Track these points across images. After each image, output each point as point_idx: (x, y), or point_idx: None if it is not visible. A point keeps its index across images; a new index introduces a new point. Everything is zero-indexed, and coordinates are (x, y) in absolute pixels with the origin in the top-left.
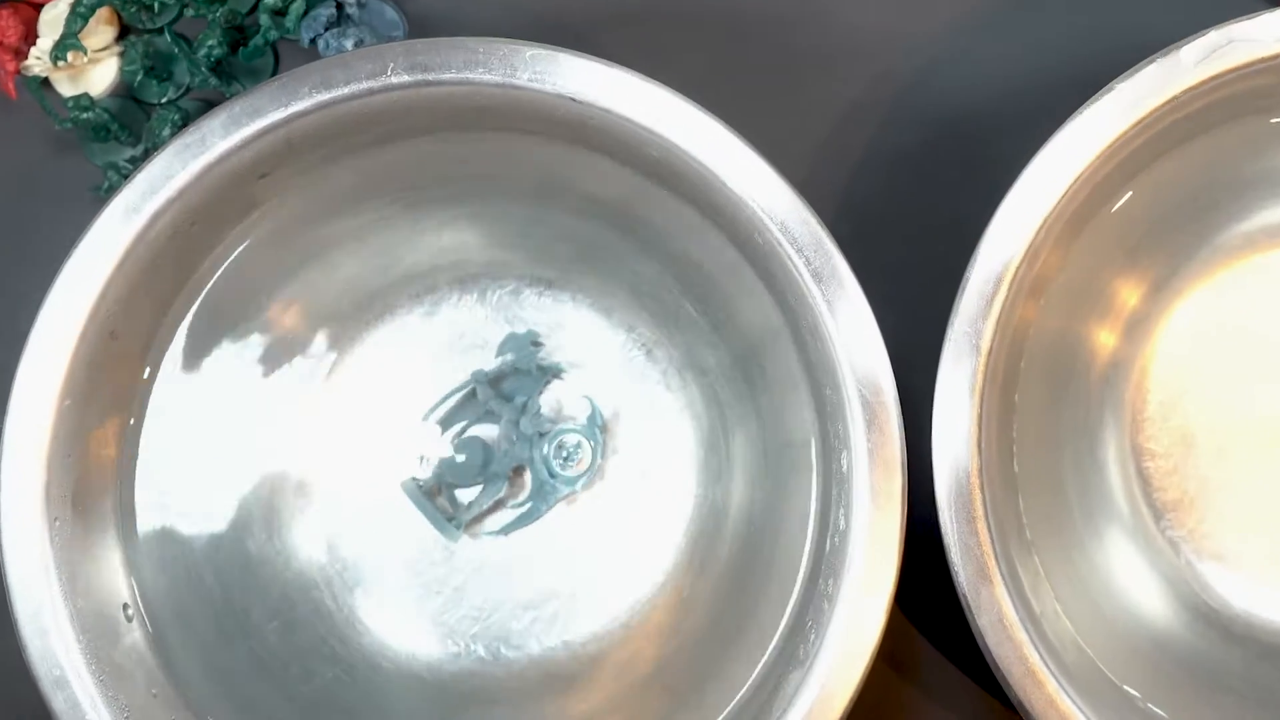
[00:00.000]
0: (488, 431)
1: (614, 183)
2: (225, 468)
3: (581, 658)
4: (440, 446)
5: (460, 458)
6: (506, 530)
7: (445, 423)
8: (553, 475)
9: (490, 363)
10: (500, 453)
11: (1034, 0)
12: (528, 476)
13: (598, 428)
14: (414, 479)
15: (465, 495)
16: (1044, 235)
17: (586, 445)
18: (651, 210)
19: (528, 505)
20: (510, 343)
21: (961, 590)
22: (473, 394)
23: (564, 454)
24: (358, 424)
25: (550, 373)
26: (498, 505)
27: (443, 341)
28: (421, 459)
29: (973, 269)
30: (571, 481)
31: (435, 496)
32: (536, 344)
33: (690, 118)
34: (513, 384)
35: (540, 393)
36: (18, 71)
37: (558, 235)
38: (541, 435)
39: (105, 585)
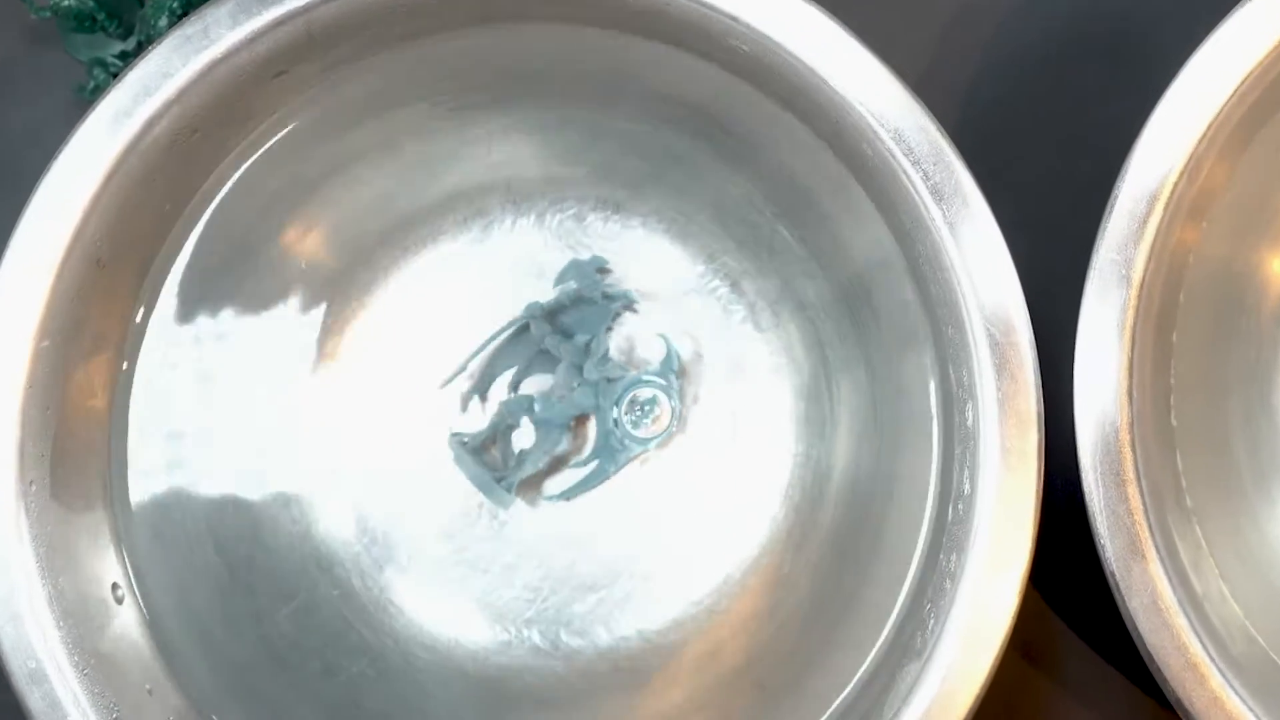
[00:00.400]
0: (541, 382)
1: (695, 83)
2: (233, 422)
3: (658, 648)
4: (491, 396)
5: (511, 408)
6: (569, 495)
7: (489, 369)
8: (621, 432)
9: (547, 295)
10: (555, 399)
11: None
12: (591, 428)
13: (674, 373)
14: (458, 434)
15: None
16: (1207, 145)
17: (664, 401)
18: (739, 116)
19: (593, 464)
20: (572, 269)
21: (1109, 567)
22: (524, 330)
23: (636, 411)
24: (392, 371)
25: (620, 302)
26: (557, 465)
27: (493, 275)
28: (467, 408)
29: (1121, 185)
30: (644, 441)
31: (487, 451)
32: (603, 271)
33: (786, 4)
34: (574, 318)
35: (608, 329)
36: None
37: (628, 147)
38: (610, 382)
39: (91, 561)
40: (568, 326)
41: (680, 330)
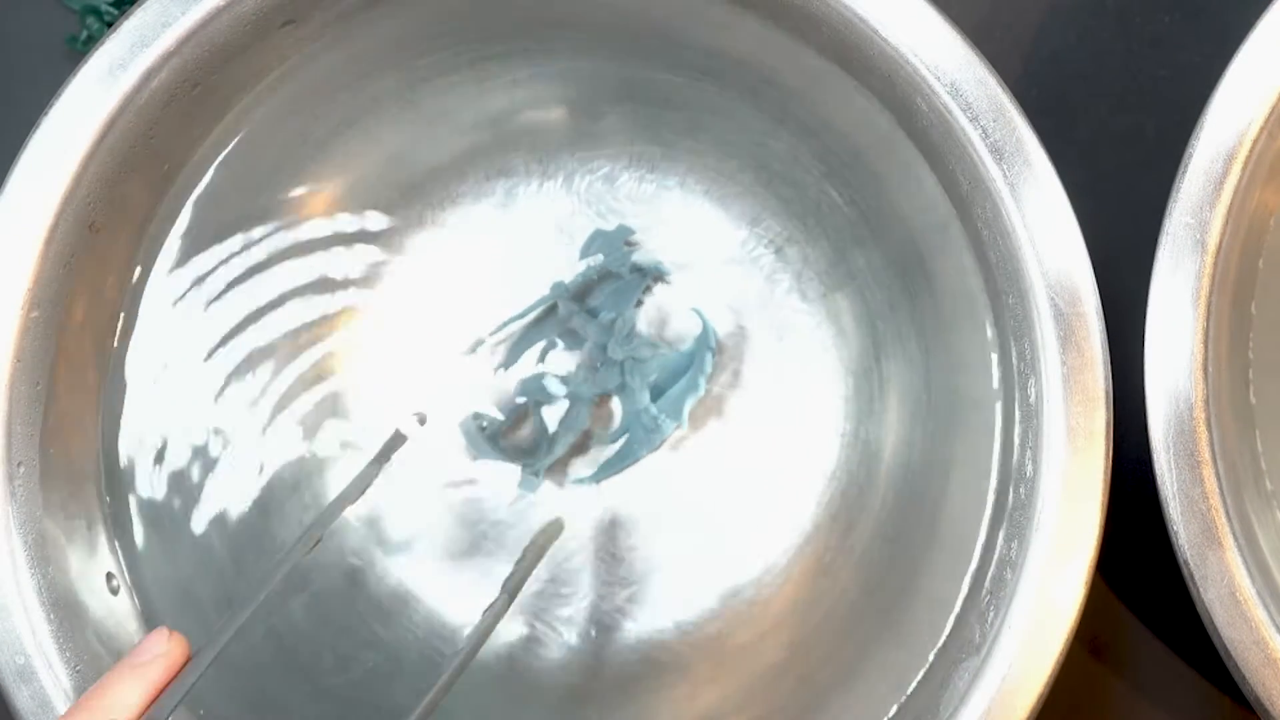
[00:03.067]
0: (566, 361)
1: (737, 32)
2: (236, 398)
3: (696, 642)
4: (513, 372)
5: (521, 400)
6: (598, 477)
7: (517, 345)
8: (652, 413)
9: (574, 271)
10: (579, 380)
11: None
12: (615, 407)
13: (710, 350)
14: (476, 415)
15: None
16: None
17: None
18: (785, 68)
19: (620, 441)
20: (597, 241)
21: (1182, 556)
22: (552, 310)
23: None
24: (408, 345)
25: (650, 274)
26: (583, 447)
27: (517, 239)
28: (485, 389)
29: (1196, 143)
30: (676, 413)
31: (512, 434)
32: (631, 244)
33: None
34: (602, 295)
35: (638, 303)
36: None
37: (664, 101)
38: (639, 362)
39: (84, 550)
40: (595, 306)
41: (721, 302)
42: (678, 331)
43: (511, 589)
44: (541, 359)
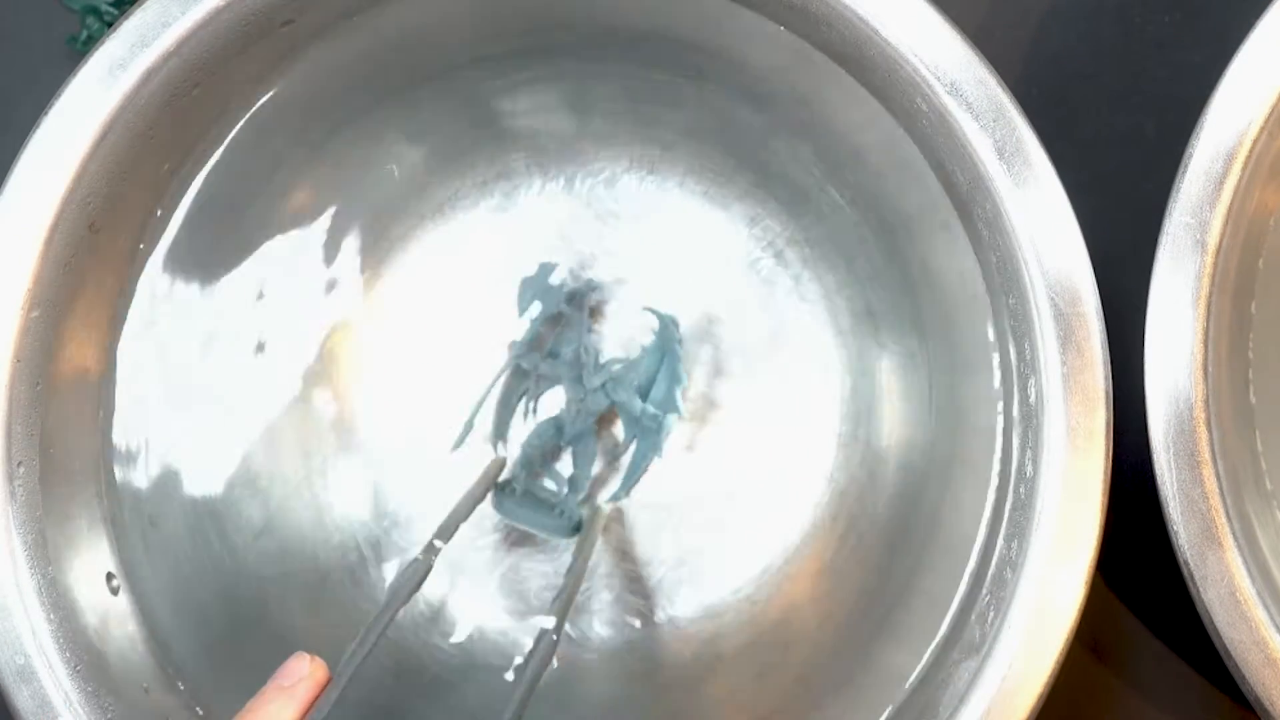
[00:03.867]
0: (552, 405)
1: (737, 33)
2: (237, 399)
3: (692, 640)
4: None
5: (537, 442)
6: (626, 487)
7: (501, 414)
8: (648, 412)
9: (522, 327)
10: (571, 417)
11: None
12: (617, 427)
13: (674, 338)
14: (500, 488)
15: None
16: None
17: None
18: (785, 69)
19: (632, 449)
20: (527, 291)
21: (1182, 556)
22: (518, 371)
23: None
24: (409, 345)
25: (590, 297)
26: (603, 471)
27: (518, 240)
28: (498, 451)
29: (1196, 143)
30: (672, 405)
31: (538, 479)
32: (566, 275)
33: None
34: (555, 335)
35: (590, 330)
36: None
37: (664, 102)
38: (616, 380)
39: (84, 549)
40: (554, 347)
41: (719, 301)
42: (647, 335)
43: (560, 611)
44: (528, 416)
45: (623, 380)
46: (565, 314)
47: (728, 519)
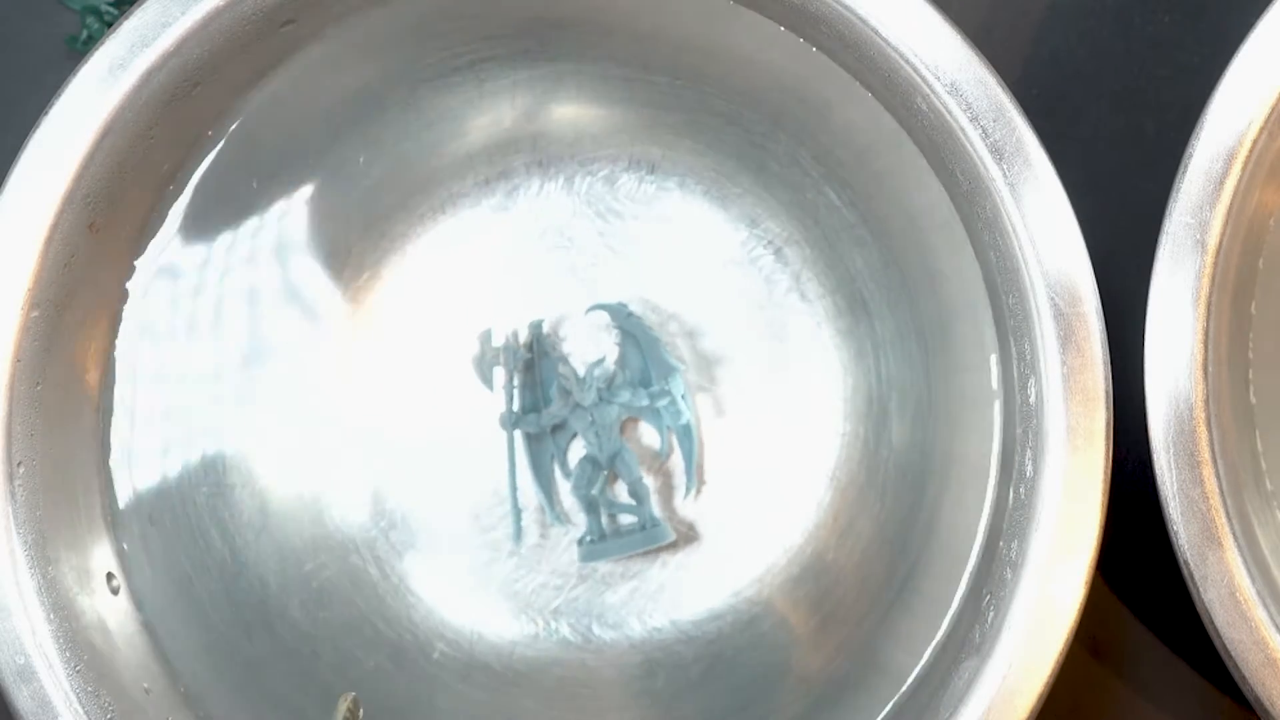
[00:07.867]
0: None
1: (736, 32)
2: (237, 396)
3: (695, 641)
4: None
5: (585, 485)
6: (690, 471)
7: (546, 488)
8: (650, 395)
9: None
10: (595, 441)
11: None
12: (641, 426)
13: (630, 315)
14: (579, 543)
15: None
16: None
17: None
18: (785, 69)
19: (666, 434)
20: (480, 365)
21: (1182, 556)
22: (528, 439)
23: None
24: (411, 345)
25: (536, 335)
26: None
27: (518, 240)
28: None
29: (1196, 143)
30: (677, 387)
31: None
32: (498, 342)
33: None
34: (532, 389)
35: (562, 360)
36: None
37: (663, 102)
38: (608, 386)
39: (84, 549)
40: (537, 399)
41: (719, 303)
42: (612, 335)
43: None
44: (564, 469)
45: (614, 380)
46: (530, 360)
47: (729, 519)
